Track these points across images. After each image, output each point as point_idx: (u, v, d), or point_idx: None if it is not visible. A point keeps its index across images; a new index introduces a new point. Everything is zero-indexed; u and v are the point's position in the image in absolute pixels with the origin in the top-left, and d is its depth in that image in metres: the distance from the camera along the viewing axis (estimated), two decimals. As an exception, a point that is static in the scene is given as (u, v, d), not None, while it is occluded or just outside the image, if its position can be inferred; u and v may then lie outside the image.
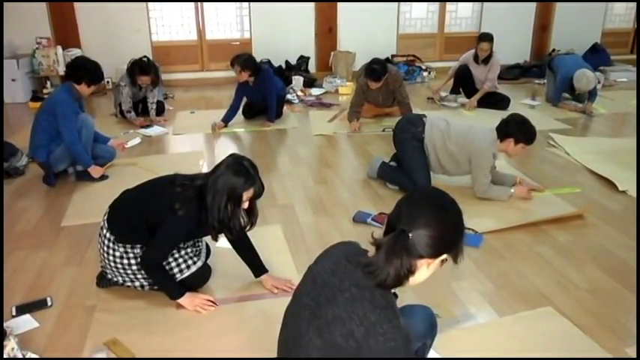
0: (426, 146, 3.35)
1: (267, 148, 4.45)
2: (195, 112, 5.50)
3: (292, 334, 1.37)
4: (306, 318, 1.32)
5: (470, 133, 3.30)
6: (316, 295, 1.34)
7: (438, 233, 1.27)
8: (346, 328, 1.22)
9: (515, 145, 3.20)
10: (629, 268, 2.59)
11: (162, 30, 6.67)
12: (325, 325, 1.26)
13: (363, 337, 1.20)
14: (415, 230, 1.26)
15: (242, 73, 4.77)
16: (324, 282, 1.35)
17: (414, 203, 1.35)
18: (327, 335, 1.24)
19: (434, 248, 1.27)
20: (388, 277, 1.26)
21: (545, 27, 7.74)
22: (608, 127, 5.10)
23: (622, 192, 3.46)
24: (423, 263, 1.30)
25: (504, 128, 3.22)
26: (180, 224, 2.13)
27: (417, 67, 7.02)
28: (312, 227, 3.02)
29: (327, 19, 6.89)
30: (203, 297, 2.28)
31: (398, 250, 1.27)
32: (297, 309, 1.39)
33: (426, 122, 3.38)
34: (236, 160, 2.12)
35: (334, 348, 1.23)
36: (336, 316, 1.25)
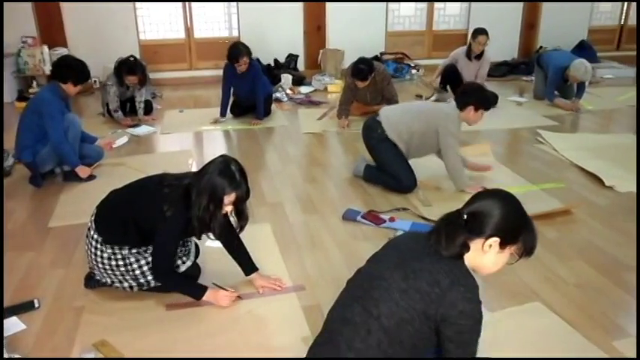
0: (393, 141, 3.39)
1: (256, 146, 4.44)
2: (183, 111, 5.47)
3: (371, 277, 1.54)
4: (390, 266, 1.52)
5: (430, 107, 3.42)
6: (401, 254, 1.56)
7: (490, 213, 1.49)
8: (433, 277, 1.44)
9: (475, 112, 3.28)
10: (617, 262, 2.62)
11: (150, 28, 6.62)
12: (412, 272, 1.47)
13: (448, 287, 1.42)
14: (467, 211, 1.53)
15: (248, 61, 4.77)
16: (408, 247, 1.58)
17: (477, 194, 1.60)
18: (413, 281, 1.45)
19: (482, 226, 1.49)
20: (449, 248, 1.49)
21: (533, 25, 7.79)
22: (596, 124, 5.14)
23: (609, 187, 3.49)
24: (479, 243, 1.51)
25: (463, 98, 3.30)
26: (172, 226, 2.11)
27: (405, 64, 7.04)
28: (302, 225, 3.02)
29: (316, 17, 6.88)
30: (225, 292, 2.27)
31: (452, 225, 1.52)
32: (379, 262, 1.60)
33: (382, 120, 3.43)
34: (224, 161, 2.10)
35: (418, 293, 1.43)
36: (424, 268, 1.47)
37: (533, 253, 1.56)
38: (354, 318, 1.48)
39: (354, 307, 1.51)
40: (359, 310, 1.48)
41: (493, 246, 1.51)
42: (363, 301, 1.49)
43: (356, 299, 1.52)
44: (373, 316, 1.46)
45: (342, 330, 1.49)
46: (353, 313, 1.50)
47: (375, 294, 1.48)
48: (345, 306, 1.55)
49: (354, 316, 1.49)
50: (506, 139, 4.73)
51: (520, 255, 1.56)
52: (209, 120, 5.01)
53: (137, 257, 2.21)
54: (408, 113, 3.41)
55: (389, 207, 3.20)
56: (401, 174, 3.39)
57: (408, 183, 3.39)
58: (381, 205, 3.25)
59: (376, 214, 3.07)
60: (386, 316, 1.45)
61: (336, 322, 1.54)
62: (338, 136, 4.68)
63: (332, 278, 2.48)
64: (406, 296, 1.44)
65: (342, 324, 1.51)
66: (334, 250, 2.74)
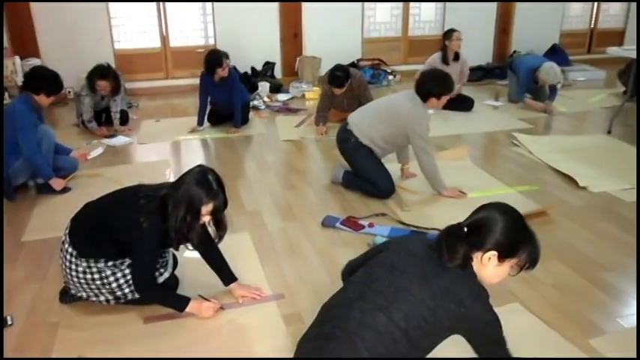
0: (368, 146, 3.41)
1: (234, 154, 4.42)
2: (160, 121, 5.42)
3: (397, 289, 1.55)
4: (415, 280, 1.55)
5: (395, 107, 3.37)
6: (421, 265, 1.59)
7: (488, 228, 1.55)
8: (457, 297, 1.50)
9: (439, 99, 3.30)
10: (592, 262, 2.66)
11: (125, 38, 6.56)
12: (438, 290, 1.51)
13: (471, 304, 1.50)
14: (468, 223, 1.59)
15: (228, 64, 4.78)
16: (423, 256, 1.61)
17: (479, 208, 1.65)
18: (440, 301, 1.50)
19: (481, 240, 1.55)
20: (452, 260, 1.54)
21: (506, 30, 7.92)
22: (569, 126, 5.24)
23: (583, 188, 3.56)
24: (479, 256, 1.56)
25: (424, 89, 3.30)
26: (149, 237, 2.08)
27: (382, 70, 7.08)
28: (281, 233, 3.01)
29: (292, 25, 6.90)
30: (208, 304, 2.25)
31: (452, 237, 1.58)
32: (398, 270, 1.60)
33: (353, 128, 3.44)
34: (201, 171, 2.09)
35: (445, 312, 1.50)
36: (448, 287, 1.51)
37: (535, 266, 1.61)
38: (378, 327, 1.50)
39: (378, 315, 1.52)
40: (384, 320, 1.51)
41: (492, 259, 1.56)
42: (389, 312, 1.51)
43: (379, 308, 1.53)
44: (401, 329, 1.50)
45: (363, 334, 1.50)
46: (377, 322, 1.51)
47: (403, 307, 1.51)
48: (364, 312, 1.55)
49: (377, 325, 1.51)
50: (483, 142, 4.79)
51: (521, 267, 1.60)
52: (186, 129, 4.97)
53: (113, 270, 2.17)
54: (376, 118, 3.41)
55: (368, 213, 3.21)
56: (379, 180, 3.41)
57: (386, 188, 3.40)
58: (360, 210, 3.26)
59: (355, 220, 3.07)
60: (413, 329, 1.50)
61: (352, 323, 1.54)
62: (316, 143, 4.68)
63: (312, 286, 2.48)
64: (435, 314, 1.50)
65: (363, 328, 1.52)
66: (313, 257, 2.74)
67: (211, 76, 4.79)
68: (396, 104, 3.38)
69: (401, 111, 3.32)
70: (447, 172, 3.64)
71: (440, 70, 3.57)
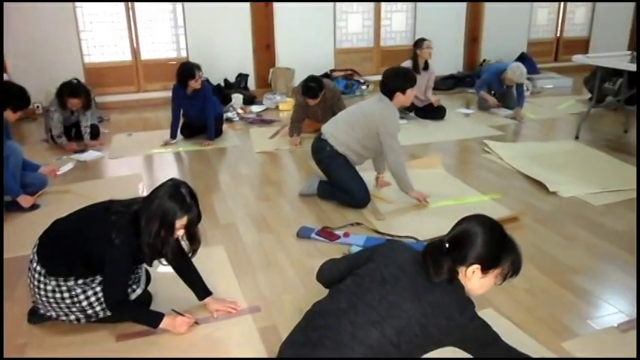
0: (344, 154, 3.42)
1: (208, 167, 4.38)
2: (132, 135, 5.35)
3: (389, 305, 1.57)
4: (406, 296, 1.57)
5: (365, 110, 3.41)
6: (412, 281, 1.60)
7: (468, 242, 1.58)
8: (447, 312, 1.53)
9: (404, 94, 3.32)
10: (563, 265, 2.71)
11: (95, 51, 6.48)
12: (429, 307, 1.54)
13: (460, 316, 1.53)
14: (449, 238, 1.61)
15: (201, 76, 4.74)
16: (412, 271, 1.62)
17: (459, 222, 1.67)
18: (432, 317, 1.53)
19: (463, 254, 1.58)
20: (438, 276, 1.57)
21: (476, 39, 8.08)
22: (538, 132, 5.35)
23: (553, 193, 3.63)
24: (463, 270, 1.59)
25: (388, 88, 3.32)
26: (121, 254, 2.04)
27: (355, 81, 7.14)
28: (256, 245, 2.99)
29: (265, 36, 6.91)
30: (182, 319, 2.21)
31: (435, 253, 1.60)
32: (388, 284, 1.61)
33: (328, 138, 3.46)
34: (174, 185, 2.06)
35: (436, 328, 1.53)
36: (438, 302, 1.54)
37: (518, 273, 1.64)
38: (370, 342, 1.52)
39: (371, 331, 1.53)
40: (377, 335, 1.52)
41: (475, 272, 1.59)
42: (382, 328, 1.53)
43: (372, 324, 1.54)
44: (393, 344, 1.52)
45: (354, 347, 1.52)
46: (369, 336, 1.52)
47: (396, 324, 1.53)
48: (356, 325, 1.55)
49: (369, 340, 1.52)
50: (455, 150, 4.86)
51: (505, 276, 1.63)
52: (159, 143, 4.92)
53: (84, 288, 2.13)
54: (349, 125, 3.43)
55: (343, 222, 3.22)
56: (355, 189, 3.42)
57: (362, 197, 3.41)
58: (335, 220, 3.26)
59: (330, 231, 3.07)
60: (405, 343, 1.53)
61: (343, 336, 1.54)
62: (291, 154, 4.68)
63: (288, 298, 2.46)
64: (425, 329, 1.53)
65: (355, 342, 1.53)
66: (289, 268, 2.72)
67: (184, 88, 4.76)
68: (366, 108, 3.42)
69: (370, 112, 3.35)
70: (421, 180, 3.68)
71: (400, 66, 3.63)
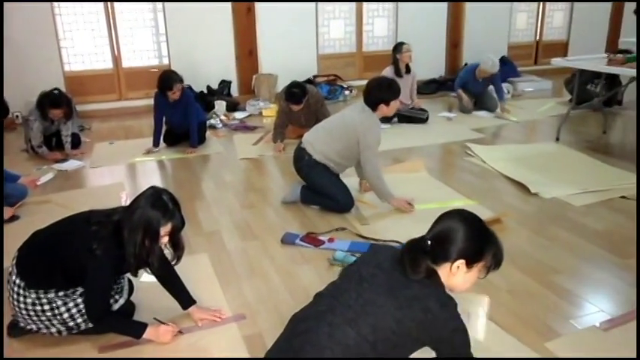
0: (323, 163, 3.41)
1: (192, 175, 4.36)
2: (114, 143, 5.30)
3: (364, 302, 1.55)
4: (381, 292, 1.55)
5: (347, 121, 3.38)
6: (389, 278, 1.58)
7: (453, 238, 1.57)
8: (424, 304, 1.51)
9: (388, 105, 3.31)
10: (545, 266, 2.74)
11: (75, 59, 6.41)
12: (405, 300, 1.52)
13: (438, 310, 1.50)
14: (431, 237, 1.60)
15: (180, 88, 4.71)
16: (391, 269, 1.61)
17: (439, 218, 1.67)
18: (407, 310, 1.50)
19: (446, 251, 1.58)
20: (415, 274, 1.56)
21: (457, 43, 8.16)
22: (520, 134, 5.41)
23: (534, 194, 3.67)
24: (447, 267, 1.58)
25: (371, 99, 3.30)
26: (103, 265, 2.02)
27: (338, 86, 7.16)
28: (240, 253, 2.97)
29: (247, 43, 6.91)
30: (166, 328, 2.19)
31: (415, 251, 1.60)
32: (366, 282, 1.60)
33: (306, 147, 3.46)
34: (155, 193, 2.05)
35: (413, 321, 1.50)
36: (414, 295, 1.53)
37: (500, 265, 1.65)
38: (348, 341, 1.51)
39: (347, 330, 1.52)
40: (353, 334, 1.51)
41: (460, 267, 1.59)
42: (357, 326, 1.51)
43: (348, 322, 1.53)
44: (369, 342, 1.50)
45: (333, 348, 1.50)
46: (346, 336, 1.51)
47: (371, 320, 1.51)
48: (333, 326, 1.54)
49: (346, 339, 1.51)
50: (438, 153, 4.89)
51: (488, 269, 1.64)
52: (141, 151, 4.88)
53: (65, 300, 2.10)
54: (329, 136, 3.42)
55: (328, 228, 3.22)
56: (338, 195, 3.42)
57: (345, 203, 3.42)
58: (319, 226, 3.26)
59: (315, 236, 3.07)
60: (382, 341, 1.50)
61: (322, 338, 1.53)
62: (275, 160, 4.68)
63: (273, 305, 2.45)
64: (402, 325, 1.50)
65: (333, 343, 1.51)
66: (274, 275, 2.71)
67: (165, 96, 4.73)
68: (348, 118, 3.40)
69: (352, 123, 3.33)
70: (404, 184, 3.70)
71: (385, 77, 3.64)
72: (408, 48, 5.63)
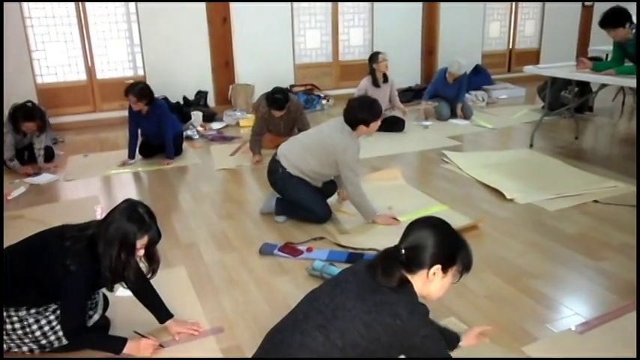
0: (298, 176, 3.35)
1: (168, 187, 4.31)
2: (88, 156, 5.22)
3: (335, 307, 1.55)
4: (351, 297, 1.56)
5: (324, 138, 3.32)
6: (361, 284, 1.59)
7: (426, 245, 1.59)
8: (393, 309, 1.50)
9: (368, 126, 3.27)
10: (521, 271, 2.77)
11: (48, 71, 6.32)
12: (374, 305, 1.52)
13: (408, 317, 1.50)
14: (405, 246, 1.60)
15: (138, 103, 4.63)
16: (364, 277, 1.61)
17: (410, 227, 1.67)
18: (375, 314, 1.50)
19: (421, 259, 1.58)
20: (388, 283, 1.56)
21: (432, 52, 8.27)
22: (494, 141, 5.49)
23: (510, 200, 3.72)
24: (423, 274, 1.59)
25: (351, 118, 3.24)
26: (77, 280, 1.98)
27: (315, 95, 7.18)
28: (218, 265, 2.94)
29: (223, 53, 6.90)
30: (146, 341, 2.16)
31: (389, 260, 1.60)
32: (339, 288, 1.61)
33: (280, 159, 3.40)
34: (130, 206, 2.03)
35: (381, 326, 1.49)
36: (384, 300, 1.52)
37: (470, 269, 1.67)
38: (317, 348, 1.50)
39: (317, 336, 1.51)
40: (322, 339, 1.50)
41: (437, 273, 1.60)
42: (327, 331, 1.51)
43: (318, 328, 1.53)
44: (338, 348, 1.50)
45: (303, 356, 1.50)
46: (316, 342, 1.51)
47: (340, 325, 1.51)
48: (305, 333, 1.54)
49: (316, 346, 1.50)
50: (415, 161, 4.93)
51: (460, 273, 1.66)
52: (117, 163, 4.82)
53: (36, 317, 2.05)
54: (306, 151, 3.35)
55: (306, 237, 3.21)
56: (314, 207, 3.38)
57: (322, 214, 3.40)
58: (297, 236, 3.25)
59: (293, 246, 3.06)
60: (351, 347, 1.50)
61: (294, 347, 1.53)
62: (252, 171, 4.66)
63: (251, 316, 2.43)
64: (371, 329, 1.50)
65: (303, 351, 1.51)
66: (252, 287, 2.69)
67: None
68: (326, 135, 3.33)
69: (329, 142, 3.27)
70: (382, 192, 3.71)
71: (367, 97, 3.56)
72: (384, 57, 5.68)
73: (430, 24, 8.16)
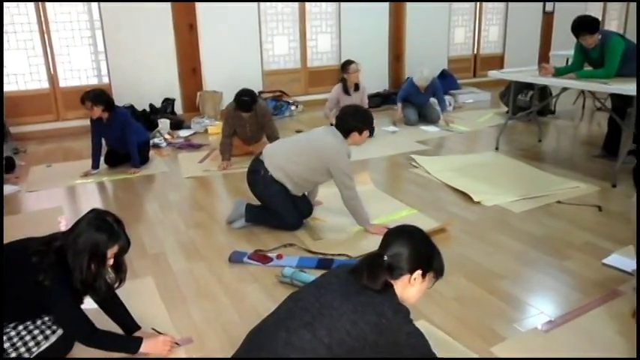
0: (279, 179, 3.28)
1: (135, 196, 4.23)
2: (52, 166, 5.09)
3: (321, 305, 1.60)
4: (337, 296, 1.61)
5: (316, 140, 3.28)
6: (345, 286, 1.65)
7: (406, 252, 1.67)
8: (379, 309, 1.58)
9: (361, 135, 3.25)
10: (489, 272, 2.81)
11: (8, 80, 6.13)
12: (360, 305, 1.58)
13: (392, 315, 1.58)
14: (389, 254, 1.67)
15: (94, 108, 4.54)
16: (349, 278, 1.67)
17: (389, 234, 1.76)
18: (361, 314, 1.57)
19: (403, 266, 1.67)
20: (372, 286, 1.62)
21: (399, 57, 8.36)
22: (461, 145, 5.58)
23: (477, 203, 3.78)
24: (405, 279, 1.68)
25: (343, 126, 3.23)
26: (59, 290, 1.94)
27: (284, 102, 7.18)
28: (186, 274, 2.90)
29: (190, 60, 6.83)
30: (165, 338, 2.18)
31: (374, 266, 1.66)
32: (324, 289, 1.67)
33: (265, 160, 3.33)
34: (98, 215, 2.00)
35: (368, 325, 1.56)
36: (369, 301, 1.59)
37: (444, 273, 1.77)
38: (303, 345, 1.53)
39: (303, 333, 1.55)
40: (309, 337, 1.54)
41: (417, 278, 1.70)
42: (313, 328, 1.55)
43: (304, 325, 1.56)
44: (325, 344, 1.54)
45: (289, 354, 1.53)
46: (302, 340, 1.54)
47: (326, 322, 1.56)
48: (290, 331, 1.57)
49: (302, 343, 1.53)
50: (384, 166, 4.96)
51: (435, 278, 1.76)
52: (81, 173, 4.70)
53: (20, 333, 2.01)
54: (295, 154, 3.28)
55: (276, 244, 3.19)
56: (287, 215, 3.34)
57: (293, 223, 3.37)
58: (267, 243, 3.23)
59: (263, 254, 3.03)
60: (337, 344, 1.54)
61: (279, 344, 1.56)
62: (221, 178, 4.61)
63: (220, 325, 2.40)
64: (357, 327, 1.56)
65: (289, 348, 1.54)
66: (222, 296, 2.66)
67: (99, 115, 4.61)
68: (317, 138, 3.29)
69: (321, 145, 3.22)
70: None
71: (360, 106, 3.61)
72: (356, 68, 5.70)
73: (397, 30, 8.26)
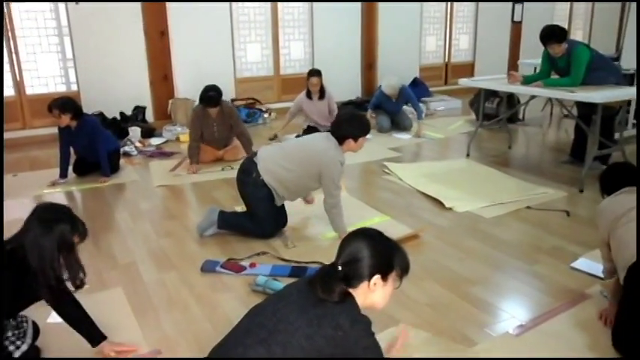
0: (269, 184, 3.25)
1: (105, 205, 4.15)
2: (18, 175, 4.95)
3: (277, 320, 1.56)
4: (294, 310, 1.57)
5: (309, 145, 3.26)
6: (303, 298, 1.60)
7: (363, 257, 1.60)
8: (335, 321, 1.53)
9: (356, 141, 3.21)
10: (461, 278, 2.84)
11: (-29, 87, 5.98)
12: (315, 318, 1.54)
13: (350, 327, 1.53)
14: (341, 262, 1.61)
15: (62, 116, 4.46)
16: (307, 291, 1.61)
17: (343, 242, 1.69)
18: (317, 327, 1.52)
19: (359, 272, 1.60)
20: (329, 298, 1.57)
21: (371, 65, 8.43)
22: (433, 152, 5.64)
23: (449, 209, 3.82)
24: (364, 286, 1.61)
25: (339, 132, 3.19)
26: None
27: (257, 109, 7.15)
28: (158, 284, 2.84)
29: (162, 67, 6.76)
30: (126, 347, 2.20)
31: (328, 277, 1.60)
32: (281, 302, 1.62)
33: (258, 162, 3.28)
34: (46, 209, 2.02)
35: (324, 338, 1.52)
36: (326, 313, 1.54)
37: (409, 270, 1.71)
38: None
39: (258, 350, 1.52)
40: (264, 353, 1.50)
41: (377, 283, 1.63)
42: (268, 344, 1.51)
43: (260, 342, 1.53)
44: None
45: None
46: (258, 354, 1.51)
47: (281, 338, 1.52)
48: (247, 347, 1.54)
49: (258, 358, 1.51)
50: (357, 173, 4.98)
51: (401, 277, 1.69)
52: (48, 182, 4.59)
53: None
54: (288, 158, 3.24)
55: (249, 252, 3.16)
56: (264, 223, 3.31)
57: (268, 231, 3.35)
58: (240, 251, 3.19)
59: (235, 262, 3.00)
60: None
61: None
62: (193, 187, 4.56)
63: (192, 336, 2.36)
64: (312, 341, 1.52)
65: None
66: (194, 306, 2.62)
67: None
68: (311, 142, 3.27)
69: (315, 149, 3.19)
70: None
71: (356, 112, 3.60)
72: (314, 82, 5.77)
73: (369, 38, 8.33)
